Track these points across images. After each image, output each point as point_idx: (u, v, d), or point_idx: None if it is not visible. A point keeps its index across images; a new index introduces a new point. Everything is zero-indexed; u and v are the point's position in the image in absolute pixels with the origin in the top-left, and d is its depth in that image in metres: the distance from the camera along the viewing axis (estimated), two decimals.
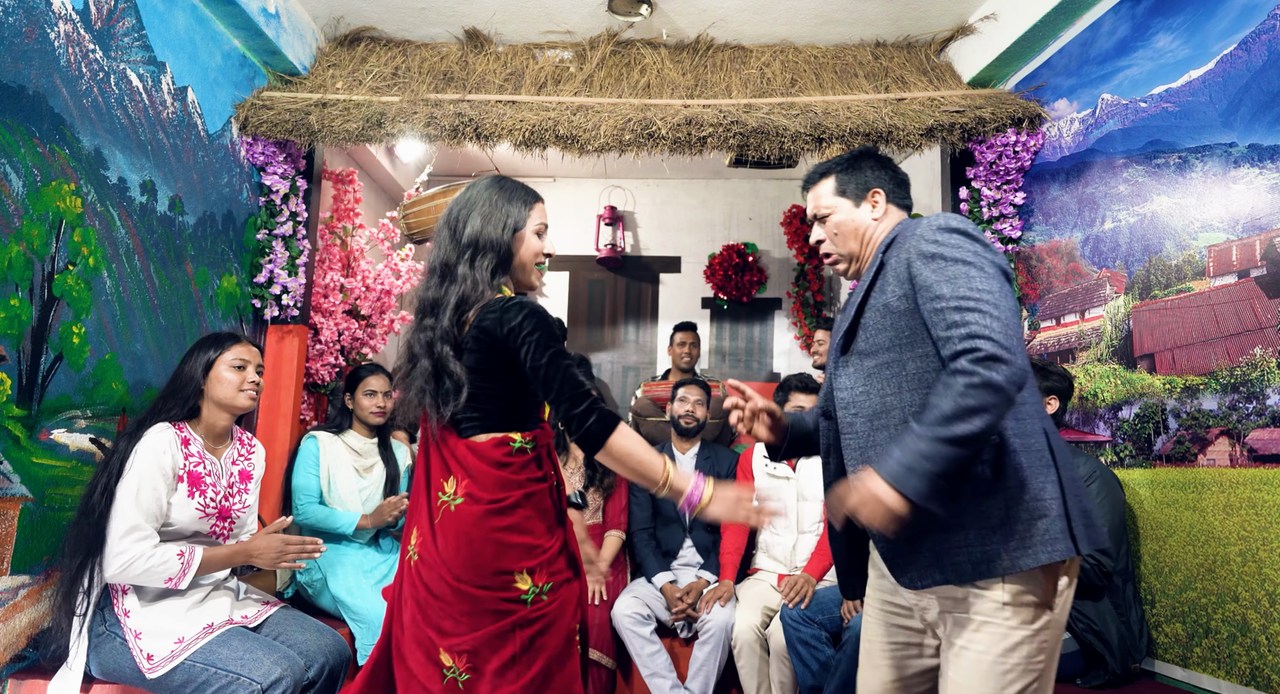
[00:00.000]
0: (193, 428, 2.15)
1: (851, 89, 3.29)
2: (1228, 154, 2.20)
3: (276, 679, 1.89)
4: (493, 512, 1.55)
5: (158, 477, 1.99)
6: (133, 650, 1.93)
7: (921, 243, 1.43)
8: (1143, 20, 2.55)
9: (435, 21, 3.43)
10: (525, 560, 1.56)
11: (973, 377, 1.28)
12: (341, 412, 3.00)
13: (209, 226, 2.91)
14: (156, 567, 1.93)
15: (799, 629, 2.65)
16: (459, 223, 1.67)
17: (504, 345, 1.56)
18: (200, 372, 2.15)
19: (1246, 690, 2.03)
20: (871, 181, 1.62)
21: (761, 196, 5.59)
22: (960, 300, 1.34)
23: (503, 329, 1.55)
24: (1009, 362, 1.28)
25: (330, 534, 2.80)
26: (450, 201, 1.72)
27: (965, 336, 1.31)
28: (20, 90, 2.06)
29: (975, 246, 1.40)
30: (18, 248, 2.03)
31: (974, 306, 1.32)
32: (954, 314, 1.34)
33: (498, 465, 1.57)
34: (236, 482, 2.20)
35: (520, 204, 1.70)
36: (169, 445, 2.03)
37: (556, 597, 1.59)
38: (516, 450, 1.60)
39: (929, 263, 1.41)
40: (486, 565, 1.54)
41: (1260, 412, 2.04)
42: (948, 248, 1.40)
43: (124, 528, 1.93)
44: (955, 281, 1.36)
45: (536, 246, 1.72)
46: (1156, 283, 2.42)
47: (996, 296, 1.34)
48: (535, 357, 1.53)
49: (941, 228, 1.43)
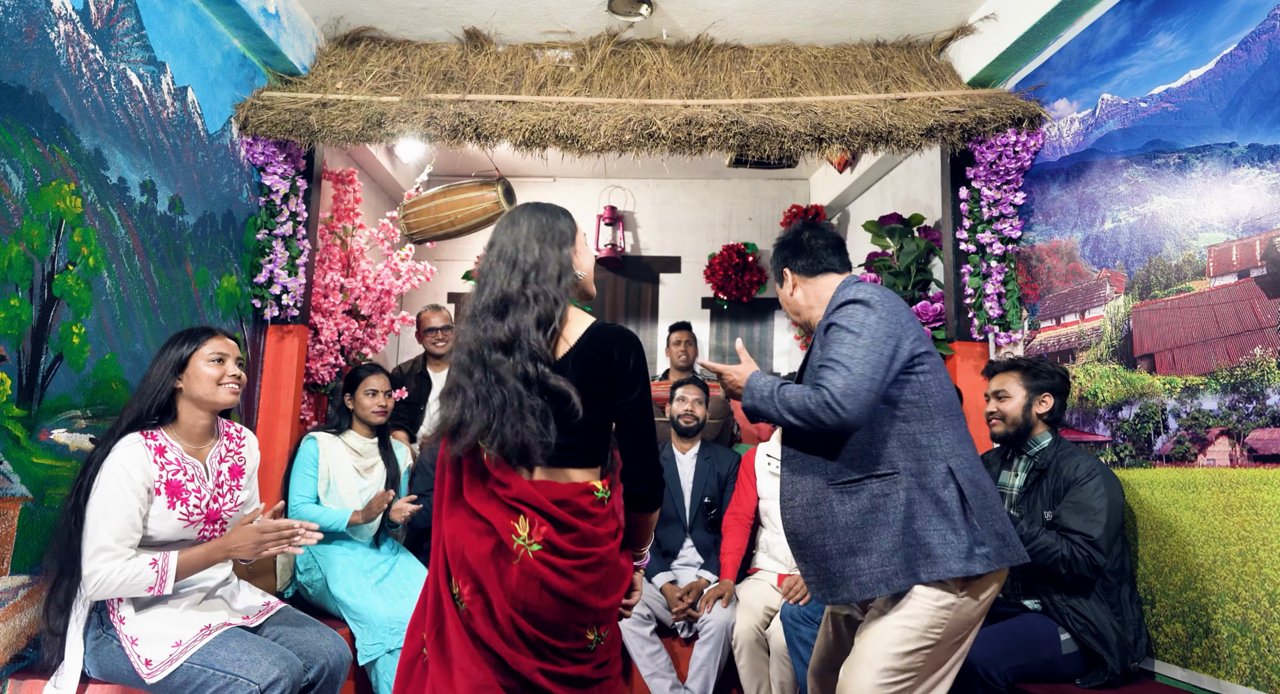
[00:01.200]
0: (169, 433, 2.05)
1: (851, 89, 3.29)
2: (1228, 154, 2.20)
3: (274, 680, 1.88)
4: (579, 568, 1.55)
5: (128, 494, 1.90)
6: (130, 656, 1.92)
7: (830, 312, 1.80)
8: (1143, 20, 2.54)
9: (435, 21, 3.43)
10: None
11: (822, 405, 1.64)
12: (340, 412, 3.00)
13: (209, 226, 2.91)
14: (131, 579, 1.87)
15: (799, 629, 2.65)
16: (517, 252, 1.63)
17: (611, 375, 1.59)
18: (171, 370, 2.04)
19: (1246, 690, 2.03)
20: (780, 264, 1.99)
21: (761, 196, 5.59)
22: (825, 361, 1.69)
23: (614, 359, 1.59)
24: (837, 413, 1.62)
25: (328, 533, 2.81)
26: (491, 241, 1.69)
27: (821, 384, 1.67)
28: (20, 90, 2.06)
29: (863, 316, 1.70)
30: (18, 248, 2.03)
31: (834, 368, 1.66)
32: (821, 371, 1.70)
33: (582, 515, 1.56)
34: (226, 480, 2.12)
35: (566, 218, 1.71)
36: (138, 460, 1.94)
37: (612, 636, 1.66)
38: (599, 500, 1.59)
39: (828, 330, 1.76)
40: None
41: (1260, 412, 2.04)
42: (843, 318, 1.73)
43: (92, 549, 1.87)
44: (830, 346, 1.71)
45: (590, 252, 1.76)
46: (1156, 283, 2.42)
47: (863, 364, 1.65)
48: (639, 404, 1.60)
49: (843, 303, 1.76)
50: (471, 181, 3.91)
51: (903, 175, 4.49)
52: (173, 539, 2.00)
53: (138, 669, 1.90)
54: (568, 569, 1.52)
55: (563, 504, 1.54)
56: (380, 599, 2.65)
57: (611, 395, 1.59)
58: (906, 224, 3.88)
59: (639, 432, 1.60)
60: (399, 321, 4.02)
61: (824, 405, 1.62)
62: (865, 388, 1.62)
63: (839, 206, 5.27)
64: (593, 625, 1.56)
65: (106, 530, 1.88)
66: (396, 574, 2.83)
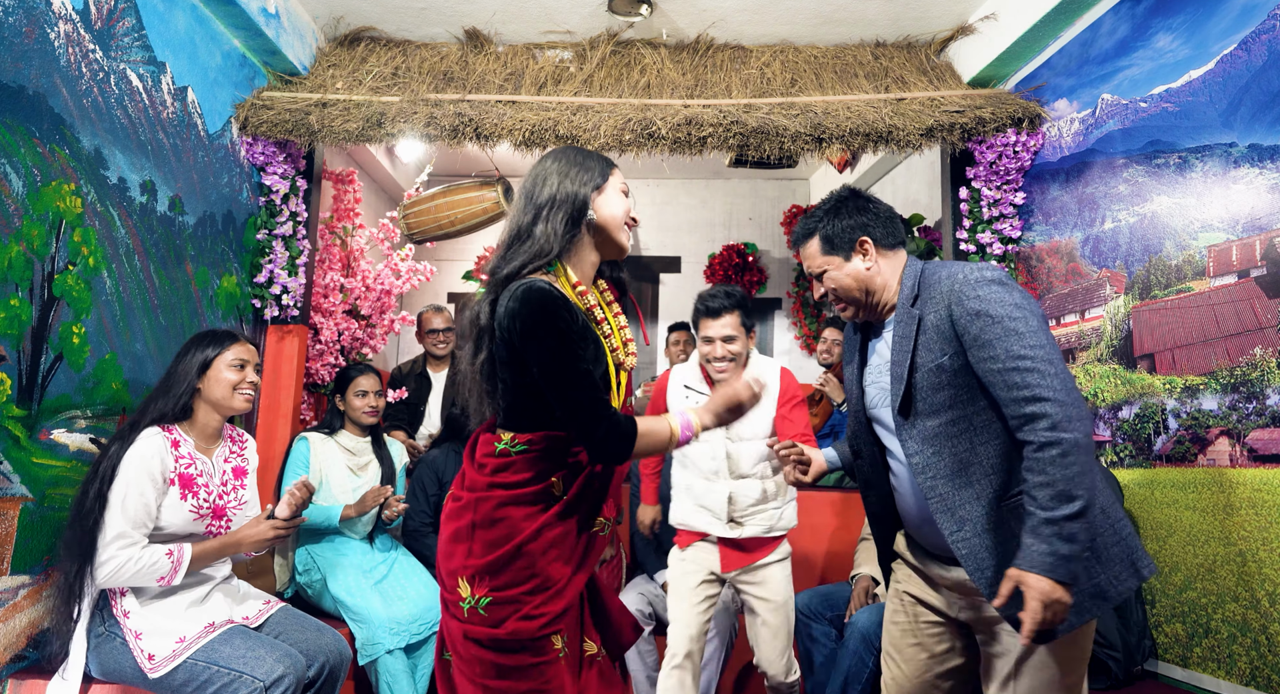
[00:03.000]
0: (184, 429, 2.12)
1: (851, 89, 3.29)
2: (1228, 154, 2.20)
3: (279, 677, 1.89)
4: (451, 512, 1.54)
5: (146, 483, 1.97)
6: (134, 651, 1.93)
7: (964, 299, 1.47)
8: (1143, 20, 2.55)
9: (435, 21, 3.43)
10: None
11: (1054, 448, 1.34)
12: (333, 412, 3.00)
13: (209, 226, 2.91)
14: (145, 568, 1.93)
15: (809, 625, 2.66)
16: (536, 185, 1.55)
17: (503, 333, 1.44)
18: (196, 370, 2.12)
19: (1246, 690, 2.03)
20: (856, 230, 1.63)
21: (761, 196, 5.60)
22: (1017, 360, 1.39)
23: (498, 317, 1.44)
24: (1077, 417, 1.35)
25: (321, 534, 2.81)
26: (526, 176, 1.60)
27: (1029, 400, 1.38)
28: (20, 90, 2.06)
29: (1015, 298, 1.45)
30: (18, 248, 2.03)
31: (1030, 366, 1.38)
32: (1014, 375, 1.40)
33: (478, 466, 1.51)
34: (230, 479, 2.18)
35: (600, 163, 1.59)
36: (158, 450, 2.01)
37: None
38: (497, 452, 1.48)
39: (975, 320, 1.45)
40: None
41: (1260, 412, 2.04)
42: (991, 303, 1.44)
43: (110, 535, 1.91)
44: (1007, 341, 1.41)
45: (626, 204, 1.59)
46: (1156, 283, 2.42)
47: (1048, 351, 1.40)
48: (543, 367, 1.40)
49: (980, 281, 1.47)
50: (471, 181, 3.91)
51: (903, 175, 4.49)
52: (181, 532, 2.04)
53: (141, 664, 1.91)
54: (448, 512, 1.51)
55: (471, 451, 1.54)
56: (379, 599, 2.65)
57: (516, 354, 1.43)
58: (906, 224, 3.88)
59: (551, 392, 1.41)
60: (399, 321, 4.02)
61: (1060, 425, 1.35)
62: (1073, 384, 1.39)
63: None
64: (465, 578, 1.43)
65: (124, 517, 1.93)
66: (396, 574, 2.83)
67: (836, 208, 1.66)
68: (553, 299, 1.41)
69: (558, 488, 1.47)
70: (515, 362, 1.44)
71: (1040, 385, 1.37)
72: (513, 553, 1.42)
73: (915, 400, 1.53)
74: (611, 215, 1.55)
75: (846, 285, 1.64)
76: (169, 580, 1.96)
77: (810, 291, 5.27)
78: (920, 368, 1.52)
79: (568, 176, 1.54)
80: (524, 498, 1.44)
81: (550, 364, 1.39)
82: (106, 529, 1.92)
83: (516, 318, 1.40)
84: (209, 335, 2.19)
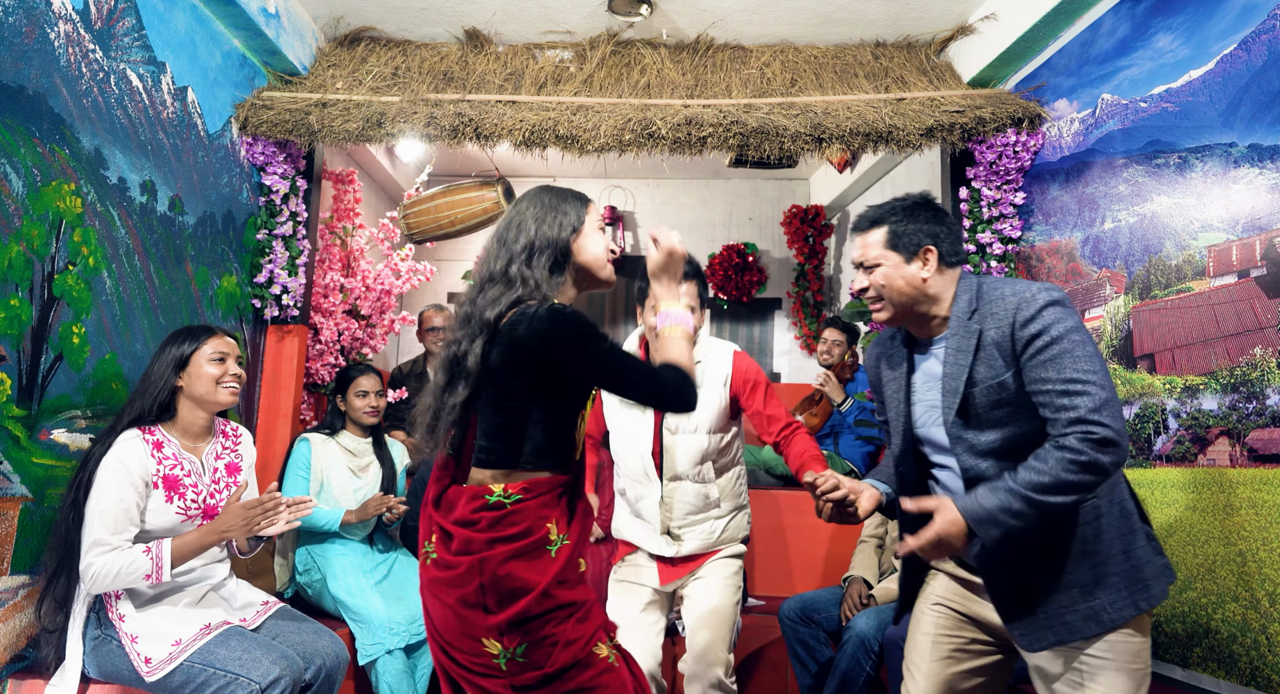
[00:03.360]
0: (167, 429, 2.08)
1: (851, 89, 3.29)
2: (1228, 154, 2.20)
3: (275, 679, 1.88)
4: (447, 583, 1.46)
5: (126, 487, 1.92)
6: (130, 654, 1.92)
7: (1028, 319, 1.49)
8: (1143, 20, 2.54)
9: (435, 21, 3.43)
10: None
11: (1081, 455, 1.37)
12: (333, 413, 3.00)
13: (209, 226, 2.91)
14: (125, 569, 1.88)
15: (798, 629, 2.65)
16: (509, 231, 1.55)
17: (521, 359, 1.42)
18: (171, 368, 2.06)
19: (1246, 690, 2.03)
20: (925, 238, 1.61)
21: (761, 196, 5.60)
22: (1069, 383, 1.42)
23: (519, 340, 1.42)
24: (1119, 445, 1.38)
25: (321, 535, 2.81)
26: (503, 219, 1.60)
27: (1075, 421, 1.40)
28: (20, 90, 2.06)
29: (1074, 321, 1.47)
30: (18, 248, 2.03)
31: (1081, 389, 1.41)
32: (1064, 399, 1.42)
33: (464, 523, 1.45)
34: (223, 476, 2.13)
35: (576, 203, 1.59)
36: (137, 454, 1.96)
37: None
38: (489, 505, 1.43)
39: (1035, 339, 1.47)
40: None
41: (1260, 412, 2.04)
42: (1052, 325, 1.46)
43: (88, 543, 1.89)
44: (1061, 361, 1.44)
45: (604, 241, 1.60)
46: (1156, 283, 2.42)
47: (1101, 375, 1.42)
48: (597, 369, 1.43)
49: (1047, 303, 1.48)
50: (471, 181, 3.92)
51: (903, 175, 4.49)
52: (170, 534, 2.01)
53: (137, 667, 1.90)
54: (444, 580, 1.43)
55: (448, 510, 1.46)
56: (379, 599, 2.65)
57: (531, 381, 1.43)
58: None
59: (619, 387, 1.45)
60: (399, 321, 4.02)
61: (1101, 444, 1.37)
62: (1121, 414, 1.41)
63: (839, 206, 5.27)
64: (492, 637, 1.39)
65: (101, 525, 1.89)
66: (395, 574, 2.83)
67: (913, 209, 1.64)
68: (575, 310, 1.44)
69: (554, 533, 1.44)
70: (522, 389, 1.44)
71: (1087, 407, 1.39)
72: (531, 605, 1.39)
73: (970, 415, 1.54)
74: (593, 257, 1.58)
75: (897, 287, 1.62)
76: (156, 577, 1.91)
77: (810, 291, 5.26)
78: (979, 383, 1.53)
79: (544, 222, 1.54)
80: (525, 550, 1.41)
81: (604, 361, 1.42)
82: (86, 536, 1.89)
83: (551, 335, 1.40)
84: (184, 331, 2.13)
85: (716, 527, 2.18)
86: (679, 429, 2.16)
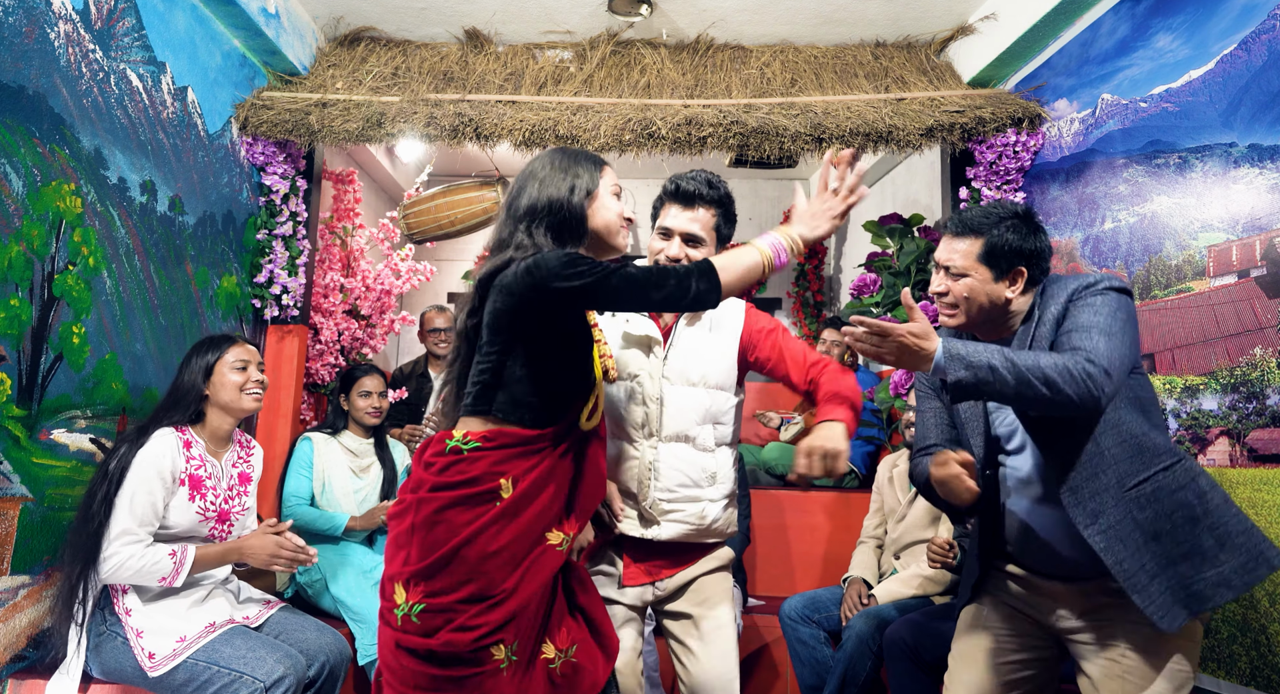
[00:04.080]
0: (196, 432, 2.16)
1: (851, 89, 3.29)
2: (1228, 154, 2.20)
3: (280, 677, 1.89)
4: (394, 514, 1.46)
5: (155, 481, 1.99)
6: (134, 649, 1.94)
7: (1082, 293, 1.54)
8: (1143, 20, 2.55)
9: (435, 21, 3.43)
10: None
11: (1078, 370, 1.40)
12: (336, 412, 3.00)
13: (209, 226, 2.91)
14: (149, 567, 1.94)
15: (798, 629, 2.65)
16: (515, 195, 1.49)
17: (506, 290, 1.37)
18: (200, 377, 2.15)
19: (1246, 690, 2.03)
20: (1020, 259, 1.58)
21: (761, 196, 5.60)
22: (1089, 329, 1.47)
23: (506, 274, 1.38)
24: (1102, 396, 1.41)
25: (322, 535, 2.80)
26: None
27: (1085, 355, 1.43)
28: (20, 90, 2.06)
29: (1125, 310, 1.51)
30: (18, 248, 2.03)
31: (1100, 339, 1.45)
32: (1079, 337, 1.47)
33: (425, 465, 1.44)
34: (236, 484, 2.21)
35: (590, 165, 1.51)
36: (170, 449, 2.04)
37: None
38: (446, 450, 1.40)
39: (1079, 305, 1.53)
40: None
41: (1260, 412, 2.04)
42: (1099, 297, 1.51)
43: (115, 531, 1.94)
44: (1086, 313, 1.50)
45: (618, 207, 1.53)
46: (1156, 283, 2.42)
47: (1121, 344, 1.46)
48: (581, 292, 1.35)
49: (1104, 285, 1.53)
50: (471, 181, 3.92)
51: (903, 175, 4.49)
52: (186, 533, 2.06)
53: (141, 663, 1.92)
54: (391, 516, 1.43)
55: (421, 452, 1.44)
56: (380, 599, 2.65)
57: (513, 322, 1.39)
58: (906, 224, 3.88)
59: (616, 296, 1.37)
60: (399, 322, 4.02)
61: (1096, 384, 1.39)
62: (1121, 361, 1.44)
63: None
64: (400, 584, 1.35)
65: (131, 515, 1.94)
66: None
67: (1016, 224, 1.59)
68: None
69: (505, 490, 1.37)
70: (505, 329, 1.39)
71: (1102, 353, 1.43)
72: (448, 556, 1.33)
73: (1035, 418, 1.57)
74: (606, 223, 1.51)
75: (980, 302, 1.60)
76: (171, 581, 1.97)
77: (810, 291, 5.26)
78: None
79: (550, 184, 1.48)
80: (468, 498, 1.35)
81: (593, 271, 1.35)
82: (112, 526, 1.94)
83: (538, 265, 1.35)
84: (207, 342, 2.22)
85: (708, 512, 1.79)
86: (677, 379, 1.80)
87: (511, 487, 1.37)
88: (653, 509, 1.77)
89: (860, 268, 4.08)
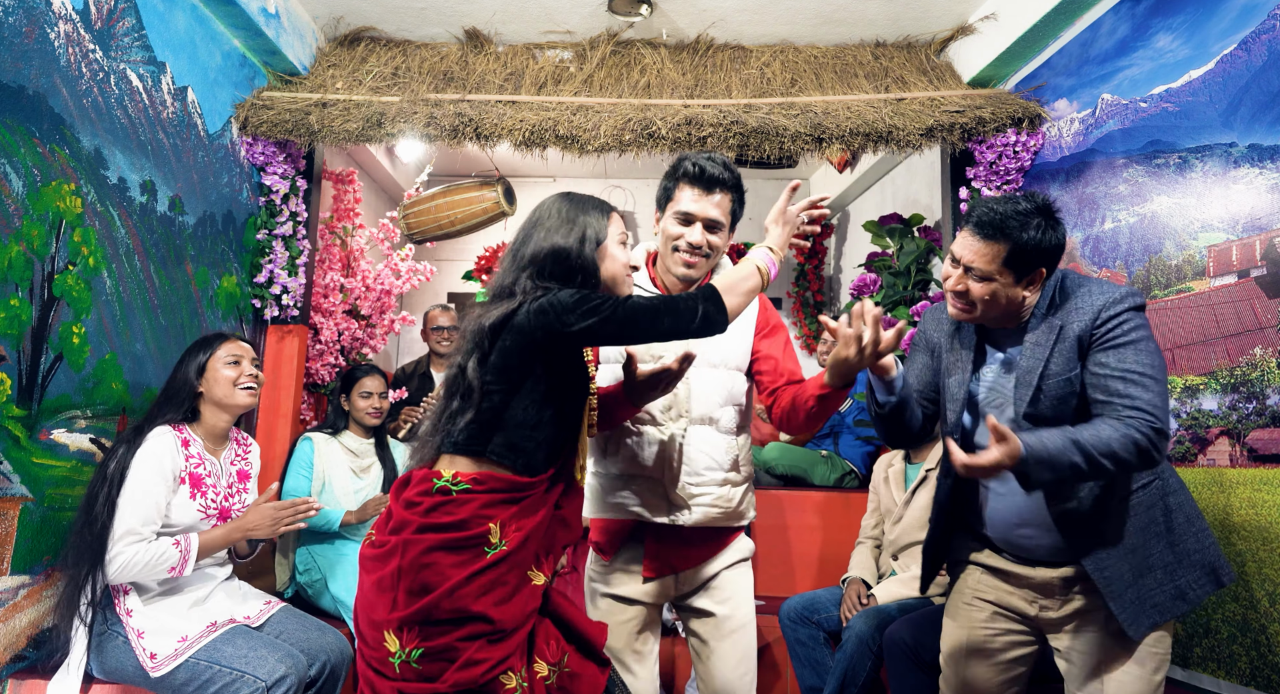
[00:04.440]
0: (193, 430, 2.17)
1: (851, 89, 3.29)
2: (1228, 154, 2.20)
3: (281, 677, 1.90)
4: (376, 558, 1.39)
5: (156, 480, 2.00)
6: (135, 649, 1.94)
7: (1109, 318, 1.55)
8: (1143, 20, 2.55)
9: (435, 21, 3.43)
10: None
11: (1143, 439, 1.44)
12: (337, 412, 3.00)
13: (209, 226, 2.91)
14: (155, 560, 1.95)
15: (798, 629, 2.65)
16: (521, 242, 1.49)
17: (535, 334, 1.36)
18: (194, 375, 2.16)
19: (1246, 690, 2.03)
20: (1040, 259, 1.56)
21: (761, 197, 5.59)
22: (1127, 373, 1.49)
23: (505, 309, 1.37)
24: (1166, 443, 1.47)
25: (321, 534, 2.81)
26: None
27: (1136, 408, 1.46)
28: (20, 90, 2.06)
29: (1148, 329, 1.55)
30: (18, 248, 2.03)
31: (1141, 381, 1.48)
32: (1118, 384, 1.49)
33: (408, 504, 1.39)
34: (235, 482, 2.22)
35: (597, 213, 1.50)
36: (169, 448, 2.04)
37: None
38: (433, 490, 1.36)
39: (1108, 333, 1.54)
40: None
41: (1260, 412, 2.04)
42: (1128, 322, 1.53)
43: (120, 531, 1.94)
44: (1123, 351, 1.51)
45: (625, 258, 1.52)
46: (1156, 283, 2.42)
47: (1162, 375, 1.50)
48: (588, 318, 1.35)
49: (1131, 307, 1.55)
50: (471, 181, 3.92)
51: (903, 175, 4.49)
52: (189, 530, 2.07)
53: (143, 663, 1.92)
54: (369, 557, 1.37)
55: (401, 489, 1.40)
56: None
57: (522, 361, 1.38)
58: (906, 224, 3.88)
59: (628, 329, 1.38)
60: (399, 322, 4.02)
61: (1162, 438, 1.44)
62: (1167, 403, 1.49)
63: (839, 206, 5.27)
64: (392, 631, 1.30)
65: (134, 515, 1.95)
66: None
67: (1040, 222, 1.55)
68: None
69: (495, 535, 1.34)
70: (519, 367, 1.38)
71: (1150, 401, 1.47)
72: (438, 601, 1.29)
73: (1041, 405, 1.59)
74: (613, 275, 1.51)
75: (996, 303, 1.59)
76: (180, 570, 1.98)
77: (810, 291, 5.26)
78: (1052, 376, 1.57)
79: (557, 233, 1.47)
80: (456, 543, 1.32)
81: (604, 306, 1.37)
82: (116, 526, 1.94)
83: (552, 304, 1.36)
84: (200, 341, 2.24)
85: (734, 495, 1.78)
86: (700, 361, 1.76)
87: (499, 532, 1.35)
88: (682, 493, 1.74)
89: (860, 268, 4.09)
